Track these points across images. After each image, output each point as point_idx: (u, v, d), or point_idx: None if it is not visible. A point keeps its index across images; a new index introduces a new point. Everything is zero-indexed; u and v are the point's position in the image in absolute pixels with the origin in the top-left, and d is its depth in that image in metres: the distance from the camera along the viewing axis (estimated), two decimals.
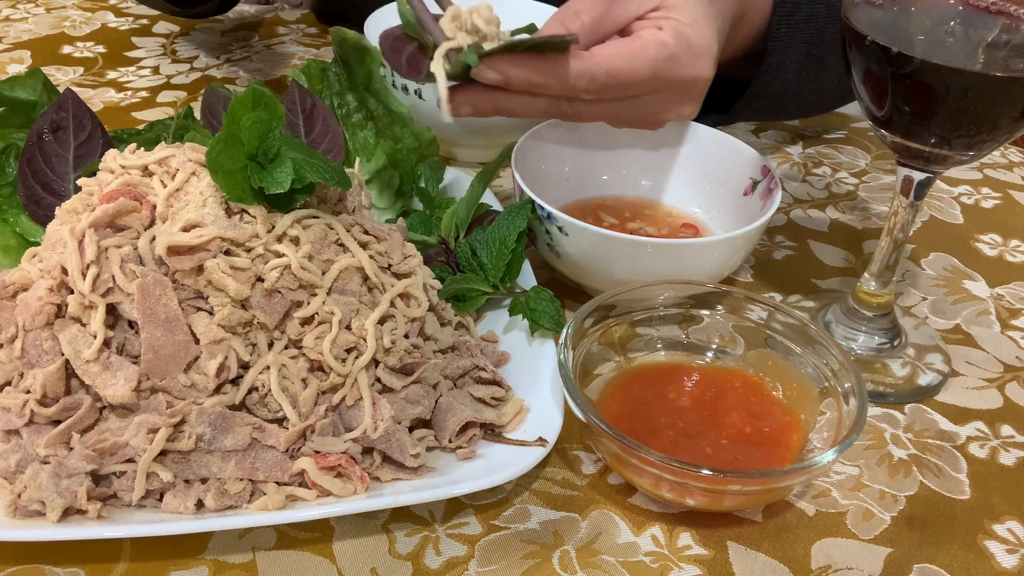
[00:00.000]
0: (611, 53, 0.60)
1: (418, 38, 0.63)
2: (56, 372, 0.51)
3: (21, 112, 0.70)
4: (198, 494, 0.50)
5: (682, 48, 0.61)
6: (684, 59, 0.61)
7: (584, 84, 0.60)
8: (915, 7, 0.58)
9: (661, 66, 0.61)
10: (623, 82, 0.61)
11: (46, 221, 0.59)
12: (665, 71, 0.61)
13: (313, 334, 0.53)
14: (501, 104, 0.62)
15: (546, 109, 0.63)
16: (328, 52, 1.12)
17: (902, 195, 0.63)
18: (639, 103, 0.64)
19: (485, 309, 0.67)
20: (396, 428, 0.53)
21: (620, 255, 0.65)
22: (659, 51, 0.60)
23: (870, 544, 0.55)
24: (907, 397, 0.66)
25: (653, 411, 0.58)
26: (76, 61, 1.06)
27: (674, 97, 0.65)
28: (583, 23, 0.61)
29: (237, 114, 0.53)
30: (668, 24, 0.62)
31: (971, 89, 0.54)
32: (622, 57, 0.60)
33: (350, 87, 0.78)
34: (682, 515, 0.55)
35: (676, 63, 0.61)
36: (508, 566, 0.52)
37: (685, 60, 0.62)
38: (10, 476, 0.50)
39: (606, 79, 0.60)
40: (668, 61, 0.61)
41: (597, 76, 0.60)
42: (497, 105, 0.62)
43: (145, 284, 0.51)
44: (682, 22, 0.61)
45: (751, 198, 0.75)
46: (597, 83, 0.60)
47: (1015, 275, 0.81)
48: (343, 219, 0.58)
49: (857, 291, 0.69)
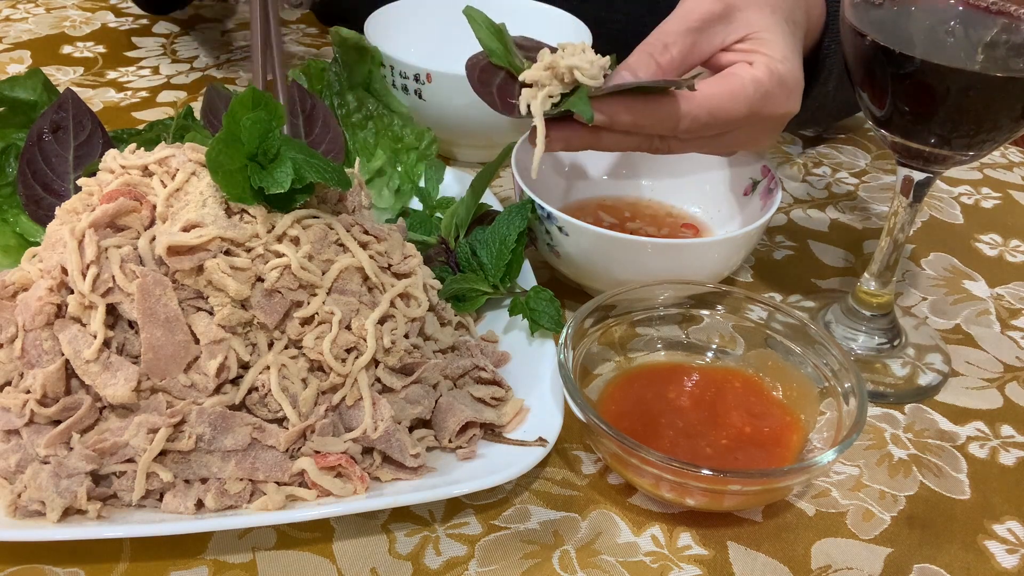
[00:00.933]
0: (712, 93, 0.60)
1: (506, 67, 0.60)
2: (56, 372, 0.51)
3: (21, 112, 0.70)
4: (198, 494, 0.50)
5: (776, 85, 0.61)
6: (778, 97, 0.61)
7: (687, 125, 0.59)
8: (915, 7, 0.58)
9: (757, 104, 0.60)
10: (723, 121, 0.60)
11: (46, 221, 0.59)
12: (760, 109, 0.61)
13: (313, 334, 0.53)
14: (595, 142, 0.61)
15: (638, 145, 0.62)
16: (328, 52, 1.12)
17: (902, 195, 0.63)
18: (728, 138, 0.64)
19: (485, 309, 0.67)
20: (396, 428, 0.53)
21: (620, 255, 0.65)
22: (756, 89, 0.60)
23: (870, 544, 0.55)
24: (907, 397, 0.66)
25: (653, 411, 0.58)
26: (76, 61, 1.06)
27: (760, 131, 0.65)
28: (673, 57, 0.60)
29: (237, 114, 0.53)
30: (760, 60, 0.61)
31: (971, 89, 0.54)
32: (723, 97, 0.60)
33: (350, 87, 0.78)
34: (682, 515, 0.55)
35: (771, 101, 0.61)
36: (508, 566, 0.52)
37: (779, 97, 0.61)
38: (10, 476, 0.50)
39: (708, 120, 0.60)
40: (764, 99, 0.60)
41: (699, 117, 0.59)
42: (591, 143, 0.61)
43: (145, 284, 0.51)
44: (773, 58, 0.61)
45: (751, 198, 0.75)
46: (699, 124, 0.60)
47: (1015, 275, 0.81)
48: (343, 219, 0.58)
49: (857, 291, 0.69)
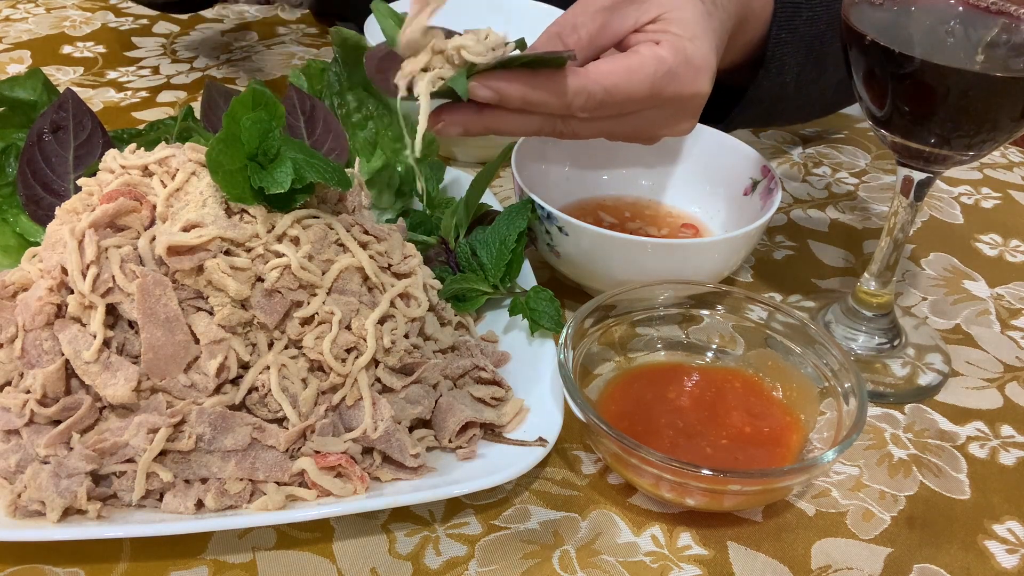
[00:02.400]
0: (608, 70, 0.58)
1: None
2: (56, 372, 0.51)
3: (21, 112, 0.70)
4: (198, 494, 0.50)
5: (681, 64, 0.59)
6: (683, 75, 0.60)
7: (581, 102, 0.58)
8: (915, 7, 0.58)
9: (659, 82, 0.59)
10: (621, 99, 0.59)
11: (46, 221, 0.59)
12: (663, 88, 0.59)
13: (313, 334, 0.53)
14: (492, 123, 0.59)
15: (539, 127, 0.61)
16: (328, 52, 1.12)
17: (902, 195, 0.63)
18: (636, 119, 0.62)
19: (485, 309, 0.67)
20: (396, 428, 0.53)
21: (620, 255, 0.65)
22: (657, 67, 0.58)
23: (870, 544, 0.55)
24: (907, 397, 0.66)
25: (653, 411, 0.58)
26: (76, 61, 1.06)
27: (672, 113, 0.63)
28: (580, 37, 0.59)
29: (237, 114, 0.53)
30: (666, 39, 0.60)
31: (971, 89, 0.54)
32: (620, 74, 0.58)
33: (350, 87, 0.78)
34: (682, 515, 0.55)
35: (675, 79, 0.60)
36: (508, 566, 0.52)
37: (684, 76, 0.60)
38: (10, 476, 0.50)
39: (604, 96, 0.58)
40: (666, 77, 0.59)
41: (595, 94, 0.58)
42: (488, 124, 0.59)
43: (145, 284, 0.51)
44: (681, 36, 0.60)
45: (751, 198, 0.75)
46: (594, 101, 0.58)
47: (1015, 275, 0.81)
48: (343, 219, 0.58)
49: (857, 291, 0.69)
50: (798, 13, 0.74)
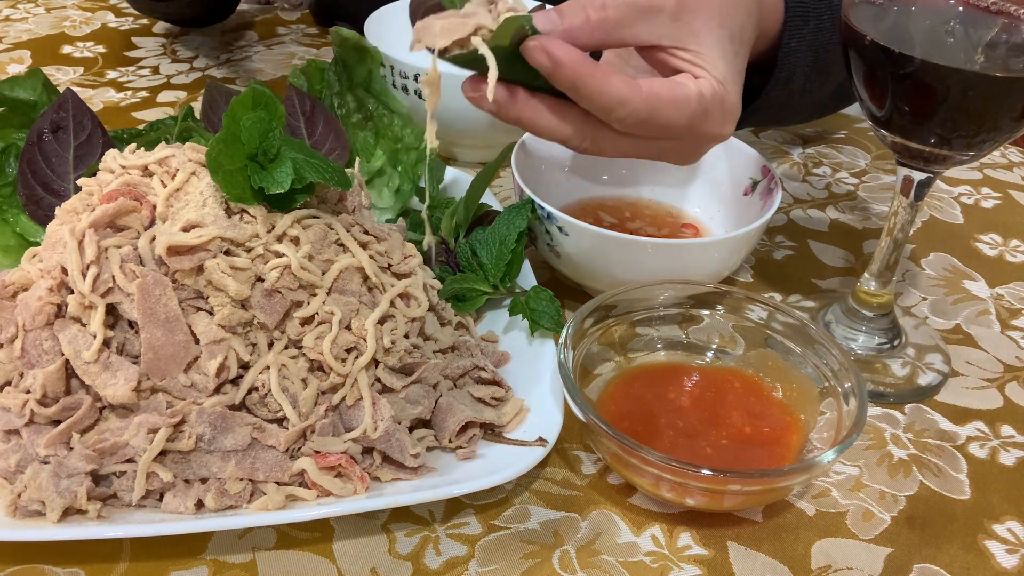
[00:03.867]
0: (659, 95, 0.58)
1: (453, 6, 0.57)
2: (56, 372, 0.51)
3: (21, 112, 0.70)
4: (198, 494, 0.50)
5: (716, 105, 0.60)
6: (715, 117, 0.60)
7: (624, 114, 0.57)
8: (915, 7, 0.58)
9: (696, 118, 0.59)
10: (660, 124, 0.58)
11: (46, 221, 0.59)
12: (698, 124, 0.60)
13: (313, 334, 0.53)
14: (525, 113, 0.58)
15: (570, 135, 0.60)
16: (328, 52, 1.12)
17: (902, 195, 0.63)
18: (660, 145, 0.63)
19: (485, 309, 0.67)
20: (396, 428, 0.53)
21: (620, 255, 0.65)
22: (699, 103, 0.59)
23: (870, 544, 0.55)
24: (907, 397, 0.66)
25: (653, 411, 0.58)
26: (76, 61, 1.06)
27: (690, 147, 0.64)
28: (605, 17, 0.57)
29: (237, 114, 0.53)
30: (704, 75, 0.60)
31: (971, 89, 0.54)
32: (667, 102, 0.58)
33: (350, 87, 0.78)
34: (682, 515, 0.55)
35: (708, 118, 0.60)
36: (508, 566, 0.52)
37: (715, 118, 0.60)
38: (10, 476, 0.50)
39: (646, 117, 0.58)
40: (703, 115, 0.59)
41: (640, 111, 0.57)
42: (521, 114, 0.58)
43: (145, 284, 0.51)
44: (717, 79, 0.60)
45: (751, 198, 0.75)
46: (637, 118, 0.57)
47: (1015, 275, 0.81)
48: (343, 219, 0.58)
49: (857, 291, 0.69)
50: (806, 23, 0.75)
